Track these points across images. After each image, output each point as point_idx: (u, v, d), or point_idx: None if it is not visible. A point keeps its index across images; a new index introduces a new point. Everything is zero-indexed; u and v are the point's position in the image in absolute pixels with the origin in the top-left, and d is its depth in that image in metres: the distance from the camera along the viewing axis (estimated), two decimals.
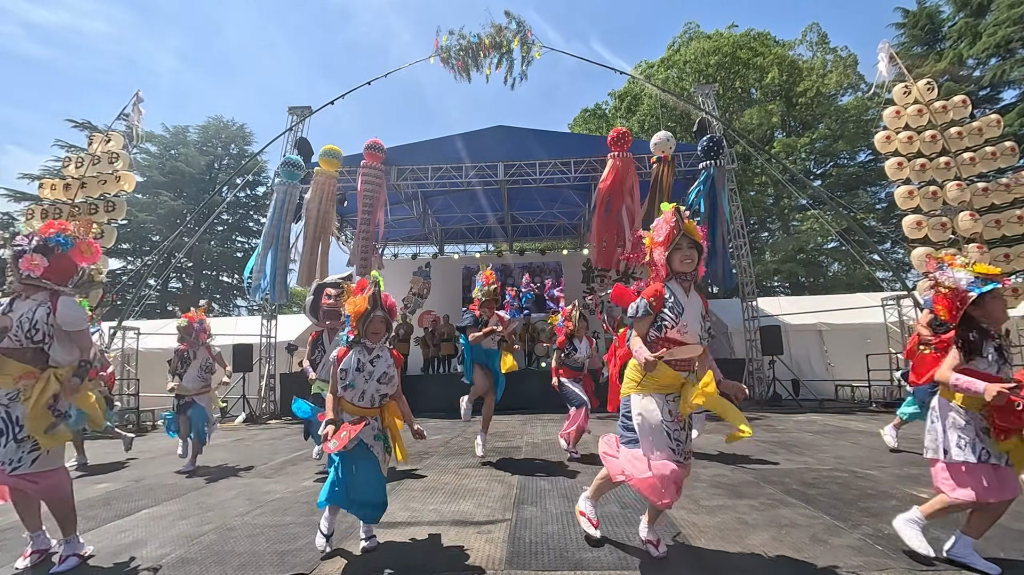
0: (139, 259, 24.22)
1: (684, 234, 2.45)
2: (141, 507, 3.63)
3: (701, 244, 2.49)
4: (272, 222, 9.77)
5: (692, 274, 2.48)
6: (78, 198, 8.98)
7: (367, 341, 2.68)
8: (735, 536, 2.67)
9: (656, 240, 2.53)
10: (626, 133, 9.77)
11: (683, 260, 2.46)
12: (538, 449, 5.46)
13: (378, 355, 2.69)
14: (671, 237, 2.46)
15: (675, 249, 2.46)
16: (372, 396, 2.65)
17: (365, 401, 2.64)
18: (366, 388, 2.63)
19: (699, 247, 2.48)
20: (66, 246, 2.65)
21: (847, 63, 22.57)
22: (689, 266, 2.47)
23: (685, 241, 2.46)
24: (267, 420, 9.93)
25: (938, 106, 8.30)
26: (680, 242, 2.46)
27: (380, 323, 2.69)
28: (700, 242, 2.48)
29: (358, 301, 2.70)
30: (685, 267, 2.47)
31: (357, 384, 2.62)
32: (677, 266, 2.47)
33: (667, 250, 2.47)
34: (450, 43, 10.53)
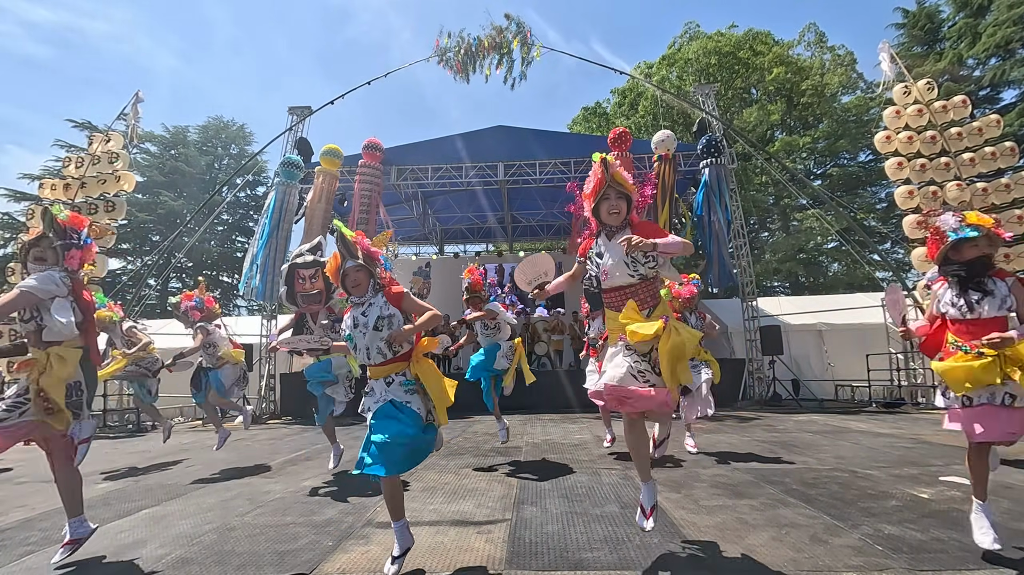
0: (139, 259, 24.22)
1: (611, 184, 2.40)
2: (141, 507, 3.62)
3: (630, 193, 2.44)
4: (270, 222, 9.78)
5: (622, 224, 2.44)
6: (78, 198, 8.98)
7: (353, 296, 2.47)
8: (735, 536, 2.67)
9: (585, 192, 2.50)
10: (626, 132, 9.79)
11: (610, 211, 2.41)
12: (538, 449, 5.46)
13: (369, 303, 2.43)
14: (598, 188, 2.42)
15: (602, 199, 2.42)
16: (379, 348, 2.38)
17: (374, 357, 2.40)
18: (367, 343, 2.39)
19: (628, 197, 2.43)
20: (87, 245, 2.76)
21: (845, 62, 22.58)
22: (616, 218, 2.42)
23: (612, 191, 2.41)
24: (267, 420, 9.93)
25: (938, 106, 8.30)
26: (607, 192, 2.41)
27: (356, 272, 2.43)
28: (629, 191, 2.43)
29: (330, 259, 2.52)
30: (612, 220, 2.42)
31: (357, 341, 2.42)
32: (604, 217, 2.43)
33: (594, 201, 2.44)
34: (450, 44, 10.55)
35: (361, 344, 2.41)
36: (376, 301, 2.44)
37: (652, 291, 2.44)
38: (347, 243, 2.46)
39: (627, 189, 2.43)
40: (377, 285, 2.49)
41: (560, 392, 8.87)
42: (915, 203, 8.24)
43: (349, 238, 2.47)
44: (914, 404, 9.22)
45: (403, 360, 2.43)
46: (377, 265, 2.51)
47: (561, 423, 7.67)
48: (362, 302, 2.45)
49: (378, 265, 2.52)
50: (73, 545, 2.58)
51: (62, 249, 2.62)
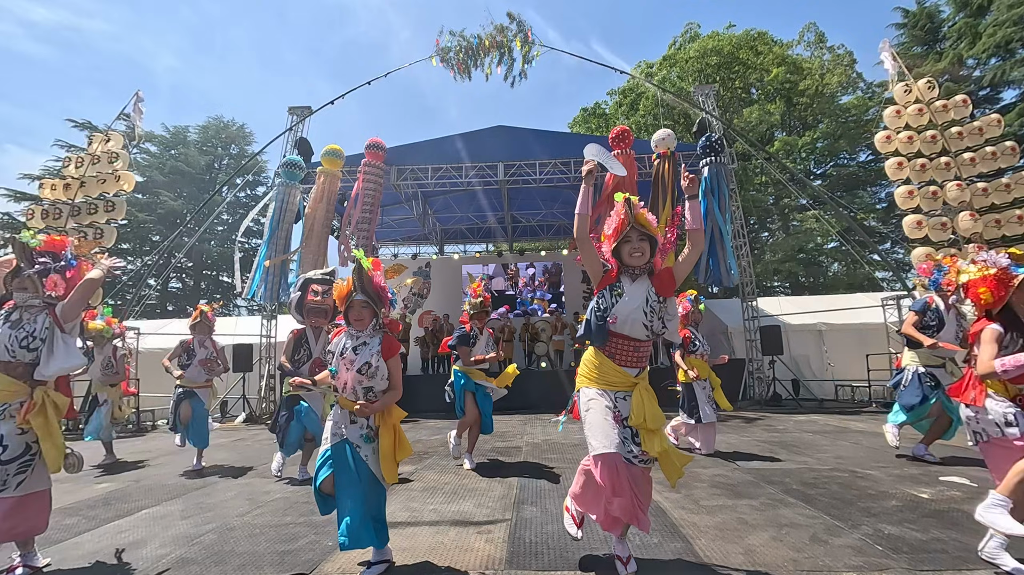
0: (139, 259, 24.22)
1: (634, 226, 2.32)
2: (141, 507, 3.62)
3: (654, 236, 2.34)
4: (271, 223, 9.78)
5: (644, 267, 2.35)
6: (78, 198, 8.98)
7: (352, 328, 2.46)
8: (735, 536, 2.67)
9: (606, 232, 2.40)
10: (627, 131, 9.78)
11: (632, 253, 2.32)
12: (538, 449, 5.46)
13: (364, 343, 2.42)
14: (620, 229, 2.33)
15: (623, 242, 2.33)
16: (354, 389, 2.40)
17: (348, 393, 2.42)
18: (348, 379, 2.40)
19: (651, 239, 2.34)
20: (72, 266, 2.68)
21: (845, 62, 22.58)
22: (640, 259, 2.32)
23: (635, 233, 2.32)
24: (267, 420, 9.93)
25: (939, 105, 8.30)
26: (629, 235, 2.32)
27: (362, 308, 2.42)
28: (653, 234, 2.34)
29: (342, 284, 2.49)
30: (635, 260, 2.33)
31: (339, 373, 2.42)
32: (627, 259, 2.34)
33: (615, 242, 2.35)
34: (450, 44, 10.55)
35: (342, 376, 2.43)
36: (372, 343, 2.42)
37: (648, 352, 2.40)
38: (362, 275, 2.42)
39: (651, 231, 2.34)
40: (379, 325, 2.48)
41: (560, 392, 8.86)
42: (915, 203, 8.25)
43: (365, 270, 2.43)
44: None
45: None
46: (384, 305, 2.48)
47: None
48: (357, 336, 2.44)
49: (384, 306, 2.48)
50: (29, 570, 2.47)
51: (38, 277, 2.54)
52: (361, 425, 2.41)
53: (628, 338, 2.30)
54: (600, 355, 2.35)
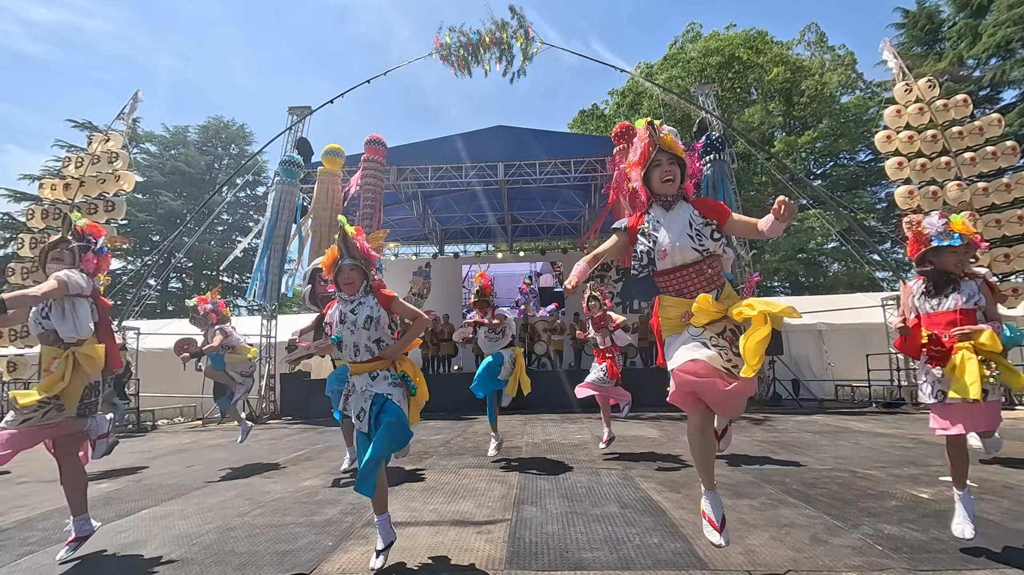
0: (139, 259, 24.23)
1: (661, 148, 2.13)
2: (141, 507, 3.62)
3: (682, 158, 2.17)
4: (270, 222, 9.79)
5: (677, 194, 2.16)
6: (78, 198, 8.98)
7: (343, 293, 2.50)
8: (735, 536, 2.66)
9: (631, 161, 2.21)
10: (630, 127, 9.77)
11: (663, 177, 2.13)
12: (538, 449, 5.46)
13: (359, 302, 2.47)
14: (647, 154, 2.14)
15: (653, 166, 2.15)
16: (365, 346, 2.44)
17: (362, 353, 2.45)
18: (355, 340, 2.44)
19: (680, 161, 2.16)
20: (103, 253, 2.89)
21: (845, 62, 22.58)
22: (671, 185, 2.14)
23: (664, 156, 2.14)
24: (267, 420, 9.93)
25: (939, 104, 8.29)
26: (658, 157, 2.14)
27: (351, 271, 2.46)
28: (681, 155, 2.16)
29: (327, 252, 2.52)
30: (667, 187, 2.14)
31: (344, 338, 2.46)
32: (657, 186, 2.16)
33: (644, 169, 2.15)
34: (451, 40, 10.54)
35: (349, 340, 2.45)
36: (366, 301, 2.47)
37: (718, 269, 2.14)
38: (347, 240, 2.47)
39: (679, 152, 2.15)
40: (368, 286, 2.52)
41: (560, 392, 8.86)
42: (915, 203, 8.24)
43: (349, 235, 2.48)
44: (914, 404, 9.20)
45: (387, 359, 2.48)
46: (372, 266, 2.54)
47: (561, 423, 7.67)
48: (351, 300, 2.48)
49: (373, 266, 2.54)
50: (77, 542, 2.63)
51: (79, 251, 2.75)
52: (384, 376, 2.45)
53: (682, 267, 2.09)
54: (666, 299, 2.14)
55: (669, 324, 2.16)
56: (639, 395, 8.57)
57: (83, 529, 2.67)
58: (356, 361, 2.47)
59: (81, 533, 2.66)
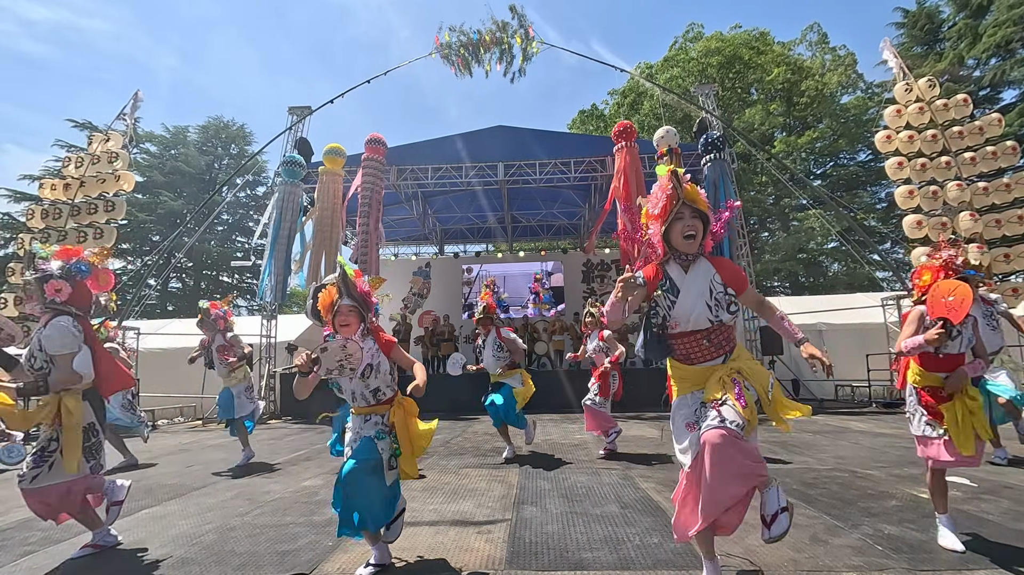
0: (139, 259, 24.23)
1: (684, 202, 1.99)
2: (141, 507, 3.62)
3: (706, 213, 2.02)
4: (274, 222, 9.80)
5: (697, 252, 2.05)
6: (78, 198, 8.98)
7: (340, 335, 2.39)
8: (735, 536, 2.66)
9: (651, 213, 2.07)
10: (630, 125, 9.75)
11: (685, 233, 1.99)
12: (538, 449, 5.46)
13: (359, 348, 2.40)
14: (669, 207, 2.00)
15: (675, 220, 2.00)
16: (363, 394, 2.41)
17: (359, 401, 2.43)
18: (353, 388, 2.41)
19: (704, 216, 2.01)
20: (85, 273, 2.72)
21: (846, 63, 22.58)
22: (692, 244, 2.00)
23: (687, 210, 1.99)
24: (267, 420, 9.93)
25: (939, 104, 8.29)
26: (681, 211, 1.99)
27: (348, 313, 2.39)
28: (704, 210, 2.02)
29: (325, 292, 2.44)
30: (687, 245, 2.00)
31: (343, 385, 2.42)
32: (678, 242, 2.01)
33: (664, 223, 2.01)
34: (451, 40, 10.54)
35: (347, 387, 2.43)
36: (366, 346, 2.40)
37: (729, 334, 2.06)
38: (346, 281, 2.42)
39: (702, 206, 2.02)
40: (367, 329, 2.46)
41: (560, 392, 8.86)
42: (915, 203, 8.24)
43: (349, 276, 2.43)
44: None
45: (385, 404, 2.46)
46: (370, 310, 2.49)
47: (561, 423, 7.67)
48: None
49: (371, 310, 2.50)
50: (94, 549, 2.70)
51: (38, 283, 2.60)
52: (375, 422, 2.42)
53: (695, 332, 2.00)
54: (675, 363, 2.08)
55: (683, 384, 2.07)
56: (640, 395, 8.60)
57: (105, 539, 2.74)
58: (359, 406, 2.45)
59: (103, 543, 2.73)
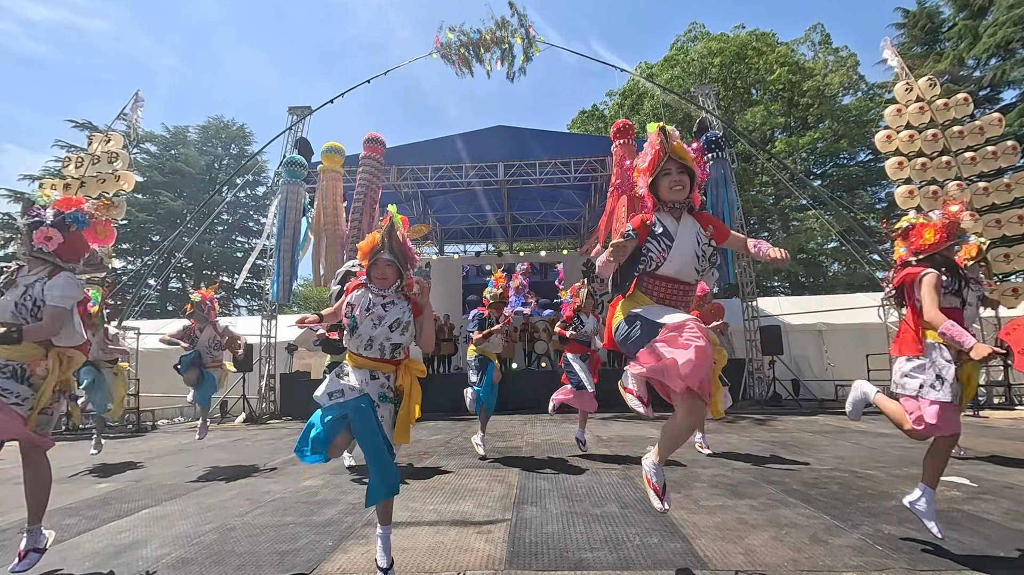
0: (139, 259, 24.23)
1: (671, 156, 2.13)
2: (141, 507, 3.62)
3: (692, 168, 2.17)
4: (279, 223, 9.82)
5: (684, 203, 2.16)
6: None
7: (374, 285, 2.31)
8: (735, 536, 2.66)
9: (640, 167, 2.22)
10: (629, 124, 9.75)
11: (672, 186, 2.14)
12: (538, 449, 5.46)
13: (392, 301, 2.31)
14: (656, 161, 2.15)
15: (662, 174, 2.15)
16: (382, 345, 2.27)
17: (374, 350, 2.27)
18: (374, 335, 2.25)
19: (690, 171, 2.16)
20: (82, 224, 2.54)
21: (848, 64, 22.58)
22: (680, 193, 2.14)
23: (673, 165, 2.14)
24: (267, 420, 9.93)
25: (940, 104, 8.29)
26: (667, 166, 2.14)
27: (387, 266, 2.29)
28: (691, 165, 2.16)
29: (370, 236, 2.34)
30: (675, 195, 2.14)
31: (362, 328, 2.26)
32: (665, 194, 2.15)
33: (651, 175, 2.16)
34: (451, 39, 10.53)
35: (366, 332, 2.27)
36: (400, 302, 2.32)
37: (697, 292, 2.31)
38: (392, 235, 2.31)
39: (689, 162, 2.16)
40: (401, 287, 2.36)
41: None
42: (915, 203, 8.24)
43: (396, 227, 2.32)
44: None
45: (395, 363, 2.34)
46: (411, 266, 2.38)
47: (561, 423, 7.66)
48: (383, 295, 2.32)
49: (411, 266, 2.38)
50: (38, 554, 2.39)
51: (27, 229, 2.43)
52: (382, 383, 2.29)
53: (678, 281, 2.14)
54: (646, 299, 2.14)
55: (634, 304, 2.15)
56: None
57: (38, 541, 2.42)
58: (362, 355, 2.30)
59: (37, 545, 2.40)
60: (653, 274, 2.15)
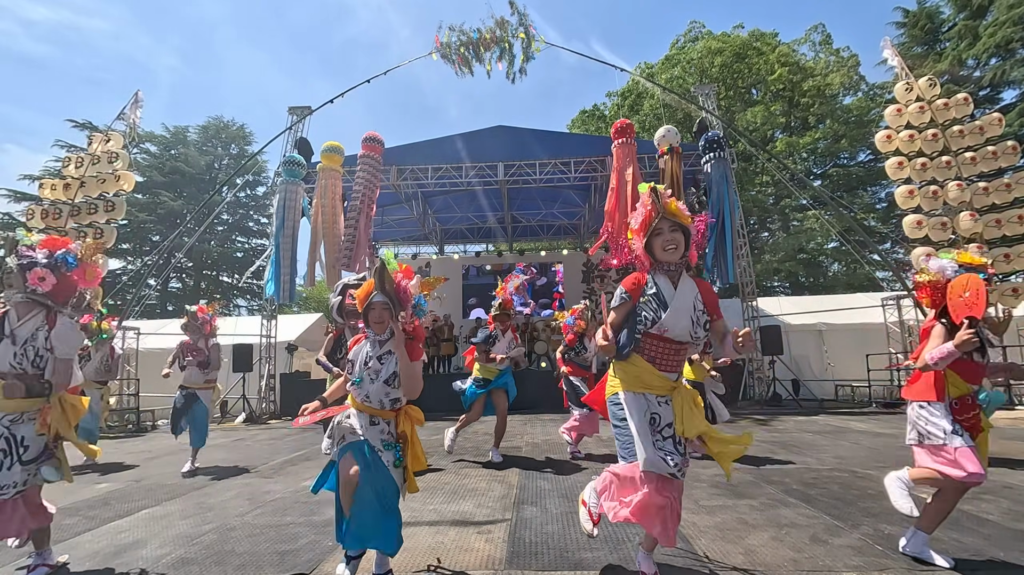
0: (139, 259, 24.23)
1: (664, 216, 2.12)
2: (141, 507, 3.62)
3: (687, 226, 2.15)
4: (278, 222, 9.81)
5: (680, 263, 2.15)
6: (78, 198, 8.98)
7: (372, 331, 2.34)
8: (735, 536, 2.67)
9: (633, 227, 2.21)
10: (629, 124, 9.74)
11: (665, 247, 2.12)
12: (538, 449, 5.46)
13: (389, 351, 2.30)
14: (648, 222, 2.14)
15: (654, 235, 2.14)
16: (380, 399, 2.28)
17: (372, 402, 2.29)
18: (371, 391, 2.27)
19: (684, 229, 2.14)
20: (71, 266, 2.55)
21: (849, 64, 22.57)
22: (674, 253, 2.12)
23: (666, 224, 2.12)
24: (267, 420, 9.93)
25: (940, 103, 8.28)
26: (659, 226, 2.13)
27: (382, 310, 2.28)
28: (685, 223, 2.14)
29: (367, 283, 2.35)
30: (669, 255, 2.12)
31: (362, 382, 2.29)
32: (660, 255, 2.14)
33: (645, 237, 2.15)
34: (451, 39, 10.52)
35: (366, 387, 2.29)
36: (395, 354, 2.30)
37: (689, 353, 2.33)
38: (383, 276, 2.28)
39: (683, 221, 2.13)
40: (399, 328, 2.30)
41: (560, 392, 8.86)
42: (915, 203, 8.23)
43: (388, 271, 2.29)
44: None
45: (394, 412, 2.33)
46: (403, 309, 2.31)
47: (561, 423, 7.66)
48: (380, 343, 2.32)
49: (404, 309, 2.31)
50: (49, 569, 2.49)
51: (19, 271, 2.45)
52: (382, 429, 2.28)
53: (671, 341, 2.13)
54: (639, 360, 2.16)
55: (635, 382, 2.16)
56: None
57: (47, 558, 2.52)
58: (367, 406, 2.30)
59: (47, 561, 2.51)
60: (647, 333, 2.14)
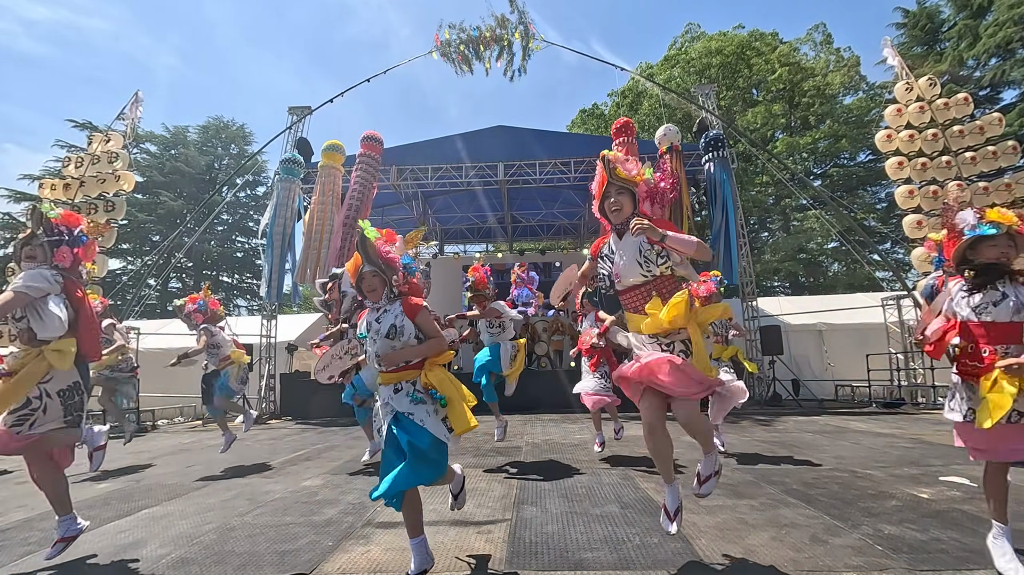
0: (139, 259, 24.23)
1: (612, 180, 2.36)
2: (141, 507, 3.62)
3: (632, 188, 2.38)
4: (273, 221, 9.79)
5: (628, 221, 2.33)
6: (78, 198, 8.98)
7: (368, 301, 2.41)
8: (735, 536, 2.67)
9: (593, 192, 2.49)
10: (629, 122, 9.72)
11: (611, 208, 2.38)
12: (538, 449, 5.46)
13: (385, 310, 2.35)
14: (601, 186, 2.41)
15: (604, 198, 2.40)
16: (388, 354, 2.31)
17: (385, 364, 2.31)
18: (377, 350, 2.32)
19: (630, 191, 2.38)
20: (82, 243, 2.74)
21: (849, 64, 22.56)
22: (618, 215, 2.37)
23: (612, 188, 2.37)
24: (267, 420, 9.93)
25: (940, 103, 8.28)
26: (607, 190, 2.38)
27: (372, 277, 2.34)
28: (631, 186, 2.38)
29: (352, 259, 2.42)
30: (613, 216, 2.38)
31: (369, 348, 2.38)
32: (609, 215, 2.40)
33: (599, 200, 2.42)
34: (451, 37, 10.51)
35: (372, 350, 2.36)
36: (392, 309, 2.35)
37: (672, 288, 2.31)
38: (364, 245, 2.34)
39: (629, 183, 2.37)
40: (392, 293, 2.38)
41: (560, 392, 8.87)
42: (915, 203, 8.24)
43: (369, 240, 2.34)
44: (914, 404, 9.21)
45: (415, 368, 2.33)
46: (394, 272, 2.37)
47: (561, 423, 7.67)
48: (377, 307, 2.38)
49: (395, 272, 2.37)
50: (64, 543, 2.59)
51: (50, 246, 2.61)
52: (407, 391, 2.30)
53: (634, 287, 2.35)
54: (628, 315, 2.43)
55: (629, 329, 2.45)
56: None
57: (70, 529, 2.60)
58: (381, 370, 2.34)
59: (68, 534, 2.59)
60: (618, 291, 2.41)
